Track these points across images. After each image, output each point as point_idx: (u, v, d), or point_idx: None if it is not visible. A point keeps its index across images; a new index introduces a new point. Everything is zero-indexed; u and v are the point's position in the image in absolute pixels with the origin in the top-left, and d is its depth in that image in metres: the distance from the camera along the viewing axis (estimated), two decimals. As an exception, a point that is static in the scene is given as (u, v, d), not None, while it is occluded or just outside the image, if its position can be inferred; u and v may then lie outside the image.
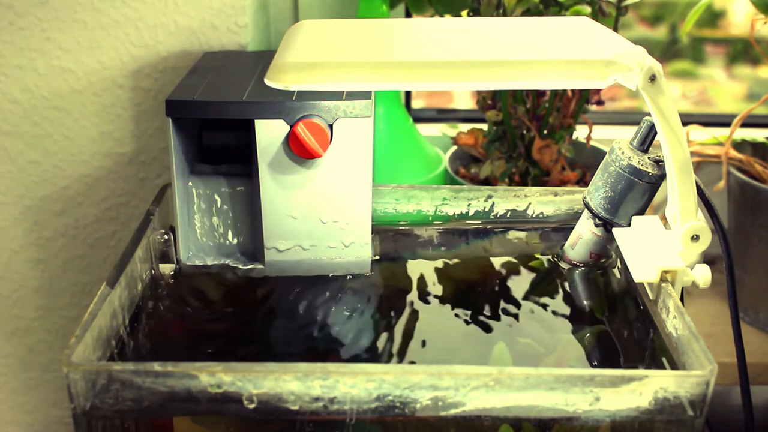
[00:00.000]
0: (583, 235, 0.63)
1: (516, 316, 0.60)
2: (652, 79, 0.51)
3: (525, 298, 0.63)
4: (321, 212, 0.63)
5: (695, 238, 0.55)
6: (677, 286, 0.55)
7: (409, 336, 0.59)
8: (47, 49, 0.76)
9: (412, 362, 0.56)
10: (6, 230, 0.83)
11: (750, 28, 0.83)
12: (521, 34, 0.57)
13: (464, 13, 0.81)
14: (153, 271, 0.63)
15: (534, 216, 0.70)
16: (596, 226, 0.62)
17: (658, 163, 0.59)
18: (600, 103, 0.86)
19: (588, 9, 0.80)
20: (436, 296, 0.63)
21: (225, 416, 0.51)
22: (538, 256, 0.67)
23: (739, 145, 0.90)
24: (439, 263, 0.67)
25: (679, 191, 0.55)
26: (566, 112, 0.85)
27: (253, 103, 0.60)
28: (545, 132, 0.85)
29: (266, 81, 0.49)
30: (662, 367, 0.52)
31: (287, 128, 0.60)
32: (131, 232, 0.73)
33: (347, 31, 0.57)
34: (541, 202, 0.69)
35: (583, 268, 0.64)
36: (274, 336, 0.59)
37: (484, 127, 0.89)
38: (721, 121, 0.96)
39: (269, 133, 0.60)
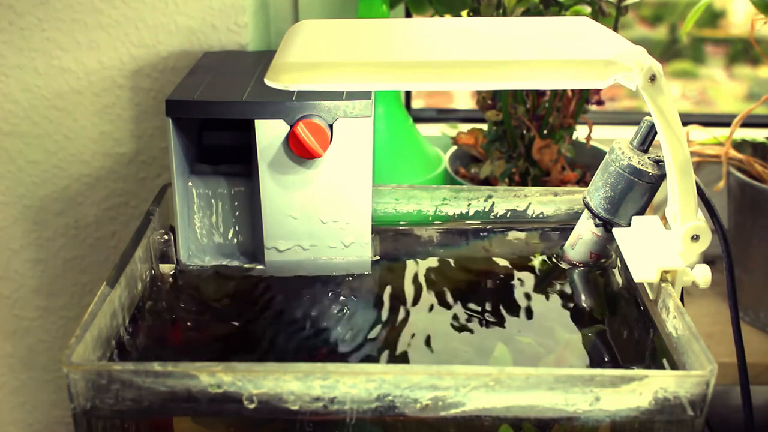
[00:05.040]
0: (583, 235, 0.63)
1: (516, 316, 0.60)
2: (652, 79, 0.51)
3: (525, 298, 0.63)
4: (321, 212, 0.63)
5: (695, 238, 0.55)
6: (677, 286, 0.55)
7: (409, 336, 0.59)
8: (47, 49, 0.76)
9: (413, 362, 0.56)
10: (6, 230, 0.83)
11: (750, 28, 0.83)
12: (521, 34, 0.57)
13: (464, 13, 0.81)
14: (153, 271, 0.63)
15: (534, 216, 0.70)
16: (596, 226, 0.62)
17: (658, 163, 0.59)
18: (600, 103, 0.86)
19: (588, 9, 0.80)
20: (436, 296, 0.63)
21: (225, 416, 0.51)
22: (538, 256, 0.67)
23: (739, 145, 0.90)
24: (439, 263, 0.67)
25: (679, 191, 0.55)
26: (566, 112, 0.85)
27: (253, 103, 0.60)
28: (545, 132, 0.85)
29: (266, 81, 0.49)
30: (662, 367, 0.52)
31: (287, 128, 0.60)
32: (131, 232, 0.73)
33: (347, 31, 0.57)
34: (541, 202, 0.69)
35: (583, 268, 0.64)
36: (274, 336, 0.59)
37: (484, 127, 0.89)
38: (721, 121, 0.96)
39: (269, 133, 0.60)
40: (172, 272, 0.64)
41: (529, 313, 0.61)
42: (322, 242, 0.64)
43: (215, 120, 0.64)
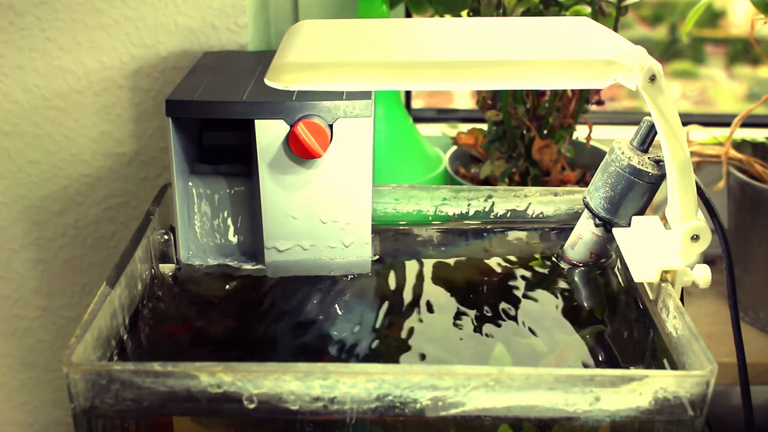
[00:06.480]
0: (583, 235, 0.63)
1: (516, 317, 0.60)
2: (652, 79, 0.51)
3: (525, 298, 0.63)
4: (321, 212, 0.63)
5: (695, 238, 0.55)
6: (677, 286, 0.55)
7: (409, 336, 0.59)
8: (47, 49, 0.76)
9: (413, 362, 0.56)
10: (6, 230, 0.83)
11: (750, 28, 0.83)
12: (521, 34, 0.57)
13: (464, 13, 0.81)
14: (153, 271, 0.63)
15: (534, 216, 0.70)
16: (596, 226, 0.62)
17: (658, 163, 0.59)
18: (600, 103, 0.86)
19: (588, 9, 0.80)
20: (435, 296, 0.63)
21: (225, 416, 0.51)
22: (537, 256, 0.67)
23: (739, 145, 0.90)
24: (439, 263, 0.67)
25: (679, 191, 0.55)
26: (566, 112, 0.85)
27: (253, 103, 0.60)
28: (545, 132, 0.85)
29: (266, 81, 0.49)
30: (662, 367, 0.52)
31: (287, 128, 0.60)
32: (131, 232, 0.73)
33: (347, 31, 0.57)
34: (541, 202, 0.69)
35: (583, 268, 0.64)
36: (274, 336, 0.59)
37: (484, 127, 0.89)
38: (721, 121, 0.96)
39: (269, 133, 0.60)
40: (172, 272, 0.64)
41: (529, 313, 0.61)
42: (322, 242, 0.64)
43: (215, 120, 0.64)
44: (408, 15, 0.94)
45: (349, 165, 0.62)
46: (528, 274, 0.65)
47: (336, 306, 0.61)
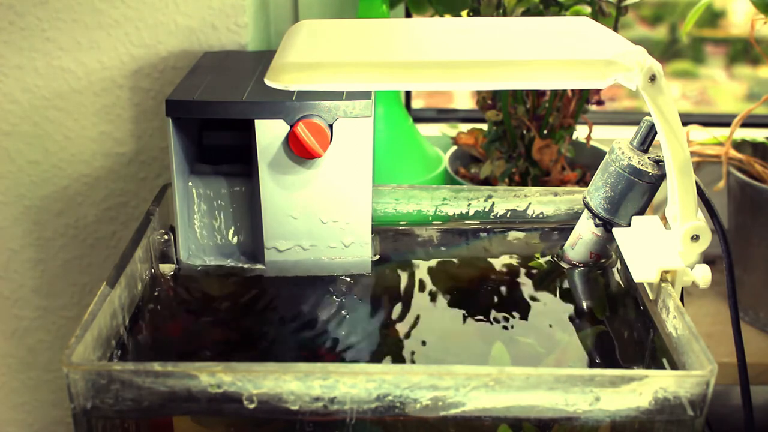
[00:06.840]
0: (583, 235, 0.63)
1: (516, 317, 0.60)
2: (652, 79, 0.51)
3: (525, 298, 0.63)
4: (321, 212, 0.63)
5: (695, 238, 0.55)
6: (677, 286, 0.55)
7: (409, 336, 0.59)
8: (47, 49, 0.76)
9: (413, 362, 0.56)
10: (6, 230, 0.83)
11: (750, 28, 0.83)
12: (521, 34, 0.57)
13: (464, 13, 0.81)
14: (153, 271, 0.63)
15: (534, 216, 0.70)
16: (596, 226, 0.62)
17: (658, 163, 0.59)
18: (600, 103, 0.86)
19: (588, 9, 0.80)
20: (436, 296, 0.63)
21: (225, 416, 0.51)
22: (538, 256, 0.67)
23: (739, 145, 0.90)
24: (439, 263, 0.67)
25: (679, 191, 0.55)
26: (566, 112, 0.85)
27: (253, 103, 0.60)
28: (545, 132, 0.85)
29: (266, 81, 0.49)
30: (662, 367, 0.52)
31: (287, 128, 0.60)
32: (131, 232, 0.73)
33: (347, 31, 0.57)
34: (541, 202, 0.69)
35: (583, 268, 0.64)
36: (274, 336, 0.59)
37: (484, 127, 0.89)
38: (721, 121, 0.96)
39: (269, 133, 0.60)
40: (172, 272, 0.64)
41: (529, 314, 0.61)
42: (322, 242, 0.64)
43: (215, 120, 0.64)
44: (408, 15, 0.94)
45: (349, 165, 0.62)
46: (528, 274, 0.65)
47: (336, 306, 0.61)
